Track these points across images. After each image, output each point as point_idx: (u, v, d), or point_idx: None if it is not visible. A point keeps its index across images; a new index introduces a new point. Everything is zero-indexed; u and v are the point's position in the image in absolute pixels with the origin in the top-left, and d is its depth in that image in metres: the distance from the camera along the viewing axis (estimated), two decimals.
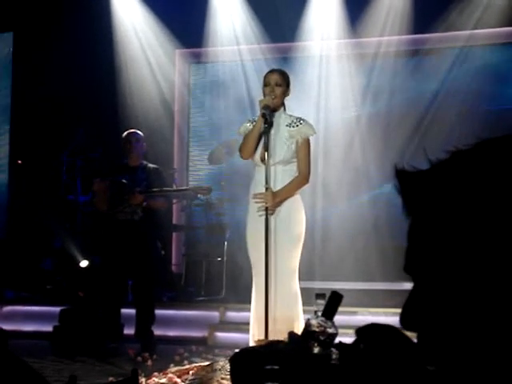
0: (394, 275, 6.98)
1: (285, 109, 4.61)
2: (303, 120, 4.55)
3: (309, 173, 4.50)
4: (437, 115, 7.94)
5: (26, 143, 8.49)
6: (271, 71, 4.64)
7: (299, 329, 4.21)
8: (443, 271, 0.98)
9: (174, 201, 7.96)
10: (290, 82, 4.61)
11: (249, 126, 4.57)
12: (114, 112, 8.11)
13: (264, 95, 4.50)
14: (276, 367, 2.06)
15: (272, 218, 4.36)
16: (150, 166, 5.90)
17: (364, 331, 1.25)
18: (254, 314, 4.43)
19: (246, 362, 2.99)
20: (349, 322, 5.66)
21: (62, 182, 7.63)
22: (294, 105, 4.88)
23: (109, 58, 8.21)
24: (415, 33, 7.84)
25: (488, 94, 7.78)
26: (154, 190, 5.69)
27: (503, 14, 7.50)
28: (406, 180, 1.02)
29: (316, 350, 2.78)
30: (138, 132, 5.94)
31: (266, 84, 4.52)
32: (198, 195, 5.90)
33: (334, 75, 8.09)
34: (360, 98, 8.07)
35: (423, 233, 1.01)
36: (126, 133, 5.92)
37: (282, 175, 4.44)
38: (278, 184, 4.42)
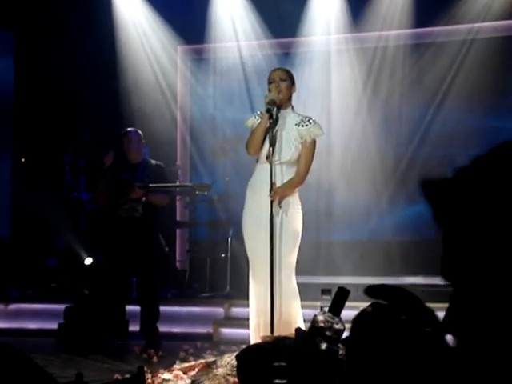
0: (398, 270, 7.00)
1: (293, 108, 4.60)
2: (312, 120, 4.54)
3: (306, 174, 4.50)
4: (441, 109, 7.93)
5: (29, 142, 8.48)
6: (274, 69, 4.67)
7: (298, 324, 4.23)
8: (479, 274, 0.97)
9: (178, 197, 7.96)
10: (294, 78, 4.61)
11: (256, 119, 4.56)
12: (117, 109, 8.10)
13: (269, 92, 4.49)
14: (284, 364, 2.06)
15: (274, 215, 4.35)
16: (153, 162, 5.90)
17: (373, 291, 1.24)
18: (252, 307, 4.44)
19: (254, 359, 2.99)
20: (352, 316, 5.68)
21: (65, 181, 7.63)
22: (296, 101, 4.87)
23: (110, 55, 8.20)
24: (417, 27, 7.83)
25: (491, 87, 7.76)
26: (154, 185, 5.69)
27: (505, 7, 7.48)
28: (433, 189, 1.02)
29: (323, 345, 2.79)
30: (132, 131, 5.92)
31: (270, 81, 4.51)
32: (197, 192, 5.88)
33: (337, 70, 8.08)
34: (363, 93, 8.06)
35: (455, 239, 1.01)
36: (122, 133, 5.92)
37: (286, 175, 4.44)
38: (281, 182, 4.42)
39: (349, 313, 5.03)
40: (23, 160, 8.46)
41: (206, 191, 5.84)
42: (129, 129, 5.97)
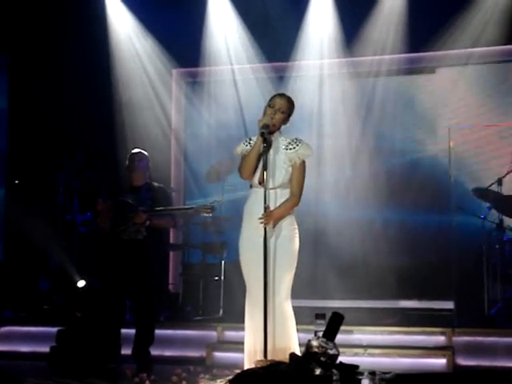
0: (392, 293, 7.00)
1: (281, 132, 4.58)
2: (300, 141, 4.54)
3: (300, 195, 4.49)
4: (432, 132, 8.00)
5: (23, 163, 8.49)
6: (281, 95, 4.58)
7: (293, 349, 4.20)
8: None
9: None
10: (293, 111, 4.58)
11: (245, 146, 4.56)
12: (111, 132, 8.13)
13: (264, 114, 4.49)
14: None
15: (268, 239, 4.34)
16: (155, 184, 5.87)
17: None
18: (249, 332, 4.41)
19: (247, 383, 2.98)
20: (345, 340, 5.66)
21: (59, 203, 7.62)
22: (290, 125, 4.88)
23: (106, 78, 8.24)
24: (411, 52, 7.90)
25: (482, 111, 7.83)
26: (157, 208, 5.65)
27: (499, 33, 7.57)
28: None
29: (317, 371, 2.78)
30: (142, 151, 5.90)
31: (270, 105, 4.51)
32: (202, 214, 5.81)
33: (331, 94, 8.14)
34: (357, 117, 8.11)
35: None
36: (130, 153, 5.91)
37: (281, 198, 4.44)
38: (276, 206, 4.42)
39: (343, 336, 5.04)
40: (17, 182, 8.45)
41: (211, 212, 5.78)
42: (136, 150, 5.94)
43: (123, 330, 5.76)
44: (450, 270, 7.05)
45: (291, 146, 4.48)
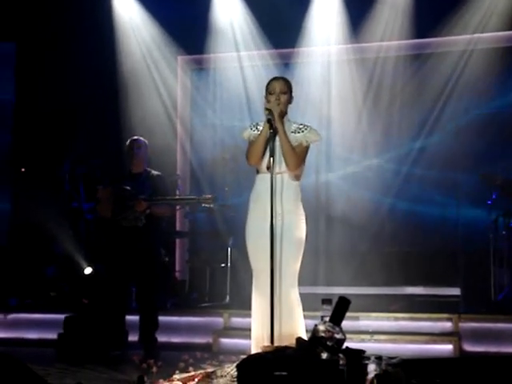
0: (398, 280, 7.01)
1: (288, 117, 4.57)
2: (308, 126, 4.55)
3: (300, 172, 4.47)
4: (439, 119, 7.97)
5: (29, 151, 8.50)
6: (275, 79, 4.59)
7: (300, 334, 4.21)
8: None
9: (178, 207, 7.97)
10: (292, 88, 4.60)
11: (252, 131, 4.56)
12: (116, 119, 8.12)
13: (268, 102, 4.48)
14: (284, 373, 2.06)
15: (274, 224, 4.33)
16: (154, 173, 5.90)
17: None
18: (256, 318, 4.42)
19: (254, 368, 2.98)
20: (352, 327, 5.68)
21: (65, 190, 7.64)
22: (296, 111, 4.87)
23: (111, 65, 8.23)
24: (417, 37, 7.86)
25: (489, 98, 7.80)
26: (159, 197, 5.68)
27: (503, 19, 7.53)
28: None
29: (324, 355, 2.79)
30: (141, 139, 5.93)
31: (270, 92, 4.50)
32: (203, 205, 5.84)
33: (337, 80, 8.11)
34: (363, 103, 8.09)
35: None
36: (128, 140, 5.93)
37: (287, 183, 4.43)
38: (283, 192, 4.41)
39: (350, 323, 5.05)
40: (23, 170, 8.47)
41: (212, 203, 5.80)
42: (134, 137, 5.96)
43: (132, 317, 5.79)
44: (457, 256, 7.05)
45: (299, 130, 4.50)
